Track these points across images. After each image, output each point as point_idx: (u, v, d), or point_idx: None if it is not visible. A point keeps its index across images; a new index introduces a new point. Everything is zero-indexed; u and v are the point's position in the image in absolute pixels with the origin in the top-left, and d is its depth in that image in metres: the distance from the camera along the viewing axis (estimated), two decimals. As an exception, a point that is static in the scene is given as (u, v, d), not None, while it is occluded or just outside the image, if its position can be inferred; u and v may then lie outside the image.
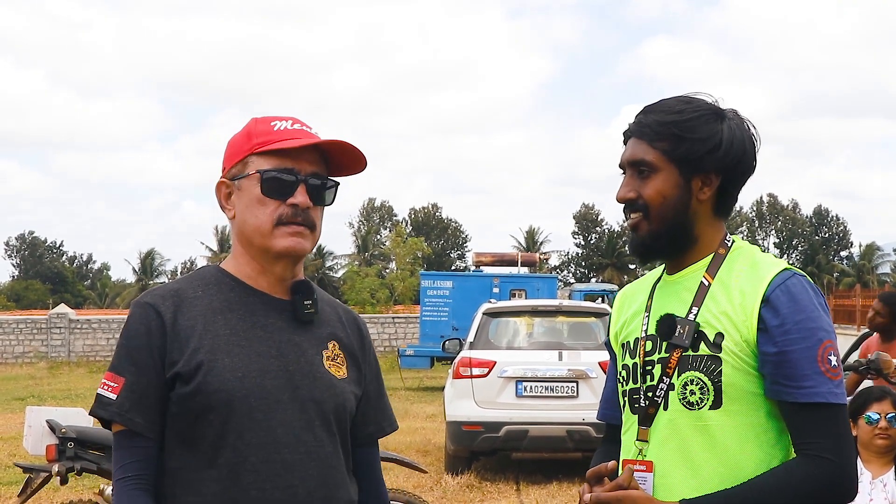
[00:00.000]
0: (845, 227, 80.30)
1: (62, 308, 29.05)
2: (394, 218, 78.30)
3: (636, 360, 2.05)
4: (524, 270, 23.25)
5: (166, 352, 1.91)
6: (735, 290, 1.97)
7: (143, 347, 1.91)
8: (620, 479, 1.92)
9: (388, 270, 47.46)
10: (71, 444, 4.88)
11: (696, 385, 1.94)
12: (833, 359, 1.91)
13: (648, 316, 2.06)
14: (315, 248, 2.37)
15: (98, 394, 1.92)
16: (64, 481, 4.91)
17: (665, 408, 1.98)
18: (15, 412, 14.84)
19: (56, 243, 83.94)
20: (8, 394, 18.50)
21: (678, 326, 1.97)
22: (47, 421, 4.94)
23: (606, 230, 76.44)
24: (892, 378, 5.17)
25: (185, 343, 1.91)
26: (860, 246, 75.96)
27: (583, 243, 78.55)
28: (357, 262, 58.08)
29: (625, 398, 2.09)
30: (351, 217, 76.64)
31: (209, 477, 1.89)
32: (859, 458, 4.00)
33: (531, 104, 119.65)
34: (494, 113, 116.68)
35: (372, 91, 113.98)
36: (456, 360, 9.54)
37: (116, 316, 29.42)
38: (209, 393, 1.88)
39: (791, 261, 71.94)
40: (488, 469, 9.88)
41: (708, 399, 1.94)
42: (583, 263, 77.24)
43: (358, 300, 33.04)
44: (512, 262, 23.69)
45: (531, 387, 9.05)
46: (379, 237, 71.76)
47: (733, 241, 2.07)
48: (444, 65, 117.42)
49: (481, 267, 23.39)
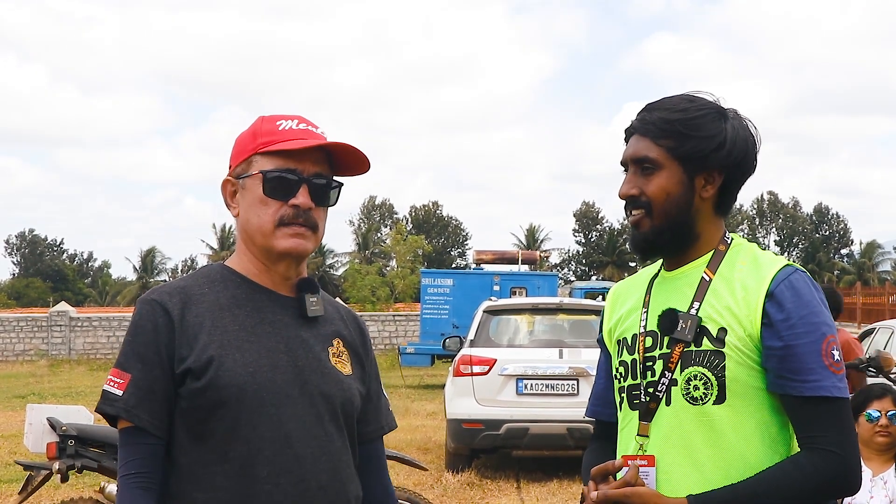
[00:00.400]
0: (846, 225, 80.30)
1: (63, 306, 29.03)
2: (394, 216, 78.30)
3: (635, 357, 2.05)
4: (525, 268, 23.25)
5: (175, 348, 1.91)
6: (738, 286, 1.97)
7: (150, 344, 1.91)
8: (627, 476, 1.92)
9: (389, 268, 47.43)
10: (71, 442, 4.88)
11: (700, 380, 1.95)
12: (836, 353, 1.93)
13: (647, 312, 2.07)
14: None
15: (104, 390, 1.92)
16: (64, 479, 4.91)
17: (668, 403, 1.98)
18: (15, 410, 14.84)
19: (56, 241, 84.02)
20: (9, 391, 18.49)
21: (680, 321, 1.97)
22: (48, 419, 4.94)
23: (607, 228, 76.44)
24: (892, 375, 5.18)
25: (194, 339, 1.91)
26: (861, 244, 75.94)
27: (583, 241, 78.55)
28: (358, 260, 58.05)
29: (622, 395, 2.09)
30: (351, 215, 76.72)
31: (221, 471, 1.89)
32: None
33: (533, 100, 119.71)
34: (496, 109, 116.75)
35: (374, 87, 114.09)
36: (456, 358, 9.53)
37: (117, 314, 29.42)
38: (220, 388, 1.88)
39: (792, 259, 71.62)
40: (489, 467, 9.88)
41: (711, 394, 1.94)
42: (583, 261, 77.25)
43: (359, 298, 33.05)
44: (512, 260, 23.69)
45: (532, 384, 9.05)
46: (379, 235, 71.75)
47: (732, 239, 2.08)
48: (447, 61, 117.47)
49: (482, 265, 23.39)
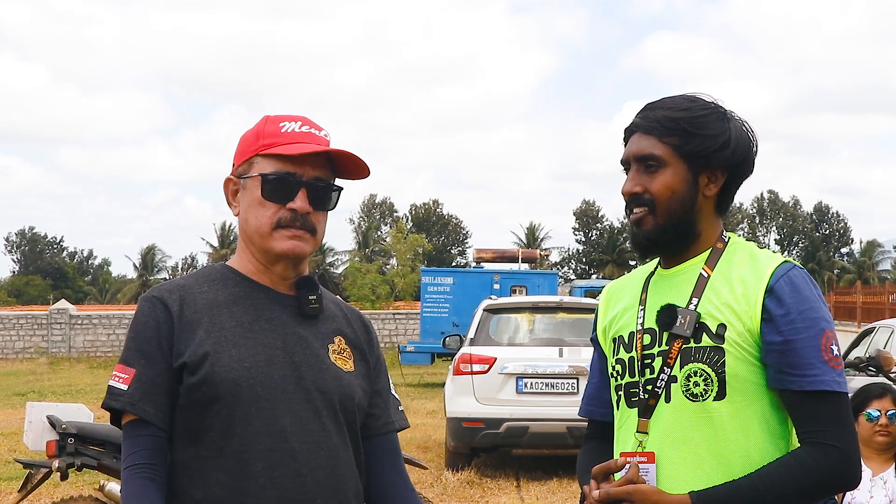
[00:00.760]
0: (846, 224, 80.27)
1: (63, 304, 29.05)
2: (394, 214, 78.28)
3: (632, 354, 2.05)
4: (525, 267, 23.24)
5: (175, 343, 1.93)
6: (737, 282, 1.98)
7: (153, 339, 1.94)
8: (629, 475, 1.92)
9: (389, 267, 47.43)
10: (71, 440, 4.88)
11: (700, 376, 1.95)
12: (835, 348, 1.94)
13: (644, 309, 2.07)
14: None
15: (109, 385, 1.95)
16: (64, 477, 4.91)
17: (667, 400, 1.98)
18: (15, 408, 14.85)
19: (56, 239, 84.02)
20: (8, 389, 18.50)
21: (679, 316, 1.98)
22: (48, 417, 4.94)
23: (607, 227, 76.43)
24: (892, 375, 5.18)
25: (192, 335, 1.93)
26: (861, 242, 75.96)
27: (583, 240, 78.56)
28: (358, 259, 58.05)
29: (619, 392, 2.08)
30: (352, 213, 76.68)
31: (217, 466, 1.90)
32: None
33: (533, 100, 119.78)
34: (496, 108, 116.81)
35: (374, 87, 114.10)
36: (456, 357, 9.53)
37: (117, 312, 29.43)
38: (216, 383, 1.90)
39: (792, 258, 71.65)
40: (489, 465, 9.89)
41: (712, 390, 1.94)
42: (583, 260, 77.25)
43: (359, 296, 33.06)
44: (513, 259, 23.69)
45: (532, 383, 9.05)
46: (380, 233, 71.74)
47: (729, 237, 2.09)
48: (447, 60, 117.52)
49: (482, 263, 23.39)
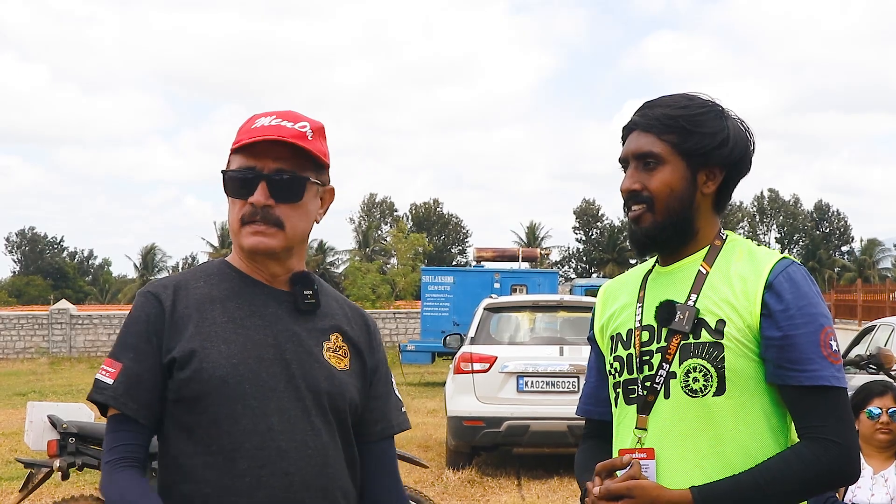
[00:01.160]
0: (846, 222, 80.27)
1: (63, 304, 29.07)
2: (395, 213, 78.25)
3: (631, 351, 2.05)
4: (525, 266, 23.23)
5: (165, 338, 1.92)
6: (735, 278, 1.98)
7: (142, 333, 1.93)
8: (631, 471, 1.92)
9: (390, 266, 47.43)
10: (72, 440, 4.88)
11: (700, 372, 1.95)
12: (833, 344, 1.94)
13: (642, 307, 2.07)
14: (316, 244, 2.36)
15: (95, 378, 1.95)
16: (65, 476, 4.91)
17: (666, 396, 1.98)
18: (16, 408, 14.85)
19: (57, 239, 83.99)
20: (9, 389, 18.51)
21: (678, 312, 1.98)
22: (48, 416, 4.94)
23: (607, 225, 76.42)
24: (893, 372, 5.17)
25: (182, 330, 1.92)
26: (861, 241, 75.94)
27: (583, 238, 78.55)
28: (358, 258, 58.04)
29: (617, 390, 2.08)
30: (352, 212, 76.65)
31: (205, 463, 1.89)
32: (860, 453, 3.99)
33: (533, 99, 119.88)
34: (496, 108, 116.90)
35: (374, 87, 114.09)
36: (457, 356, 9.53)
37: (118, 311, 29.43)
38: (204, 379, 1.89)
39: (792, 256, 71.58)
40: (489, 464, 9.89)
41: (711, 386, 1.94)
42: (584, 258, 77.24)
43: (359, 296, 33.05)
44: (513, 258, 23.67)
45: (532, 382, 9.05)
46: (380, 233, 71.72)
47: (727, 235, 2.09)
48: (447, 60, 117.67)
49: (482, 262, 23.38)
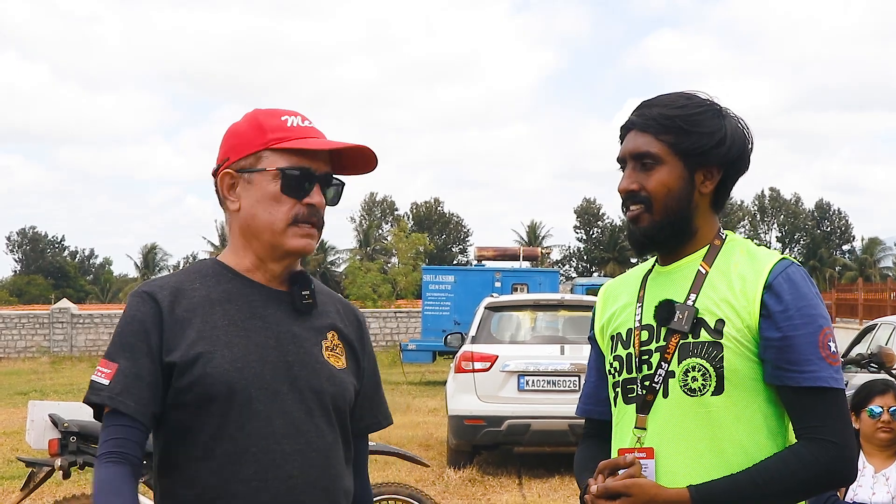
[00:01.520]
0: (847, 221, 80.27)
1: (64, 303, 29.09)
2: (395, 212, 78.23)
3: (630, 351, 2.05)
4: (526, 265, 23.23)
5: (163, 340, 1.89)
6: (735, 278, 1.99)
7: (139, 333, 1.89)
8: (632, 470, 1.93)
9: (391, 265, 47.42)
10: (73, 439, 4.87)
11: (699, 371, 1.95)
12: (832, 345, 1.94)
13: (642, 306, 2.07)
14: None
15: (91, 380, 1.91)
16: (66, 475, 4.90)
17: (665, 395, 1.98)
18: (17, 407, 14.85)
19: (58, 238, 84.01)
20: (10, 388, 18.51)
21: (677, 312, 1.98)
22: (50, 415, 4.93)
23: (608, 224, 76.42)
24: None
25: (183, 333, 1.90)
26: (862, 240, 75.93)
27: (584, 237, 78.55)
28: (359, 257, 58.04)
29: (617, 389, 2.09)
30: (353, 211, 76.63)
31: (207, 469, 1.88)
32: (862, 452, 4.00)
33: (535, 98, 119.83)
34: (498, 107, 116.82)
35: (377, 84, 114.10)
36: (458, 355, 9.53)
37: (118, 311, 29.40)
38: (209, 384, 1.87)
39: (793, 255, 71.87)
40: (490, 463, 9.89)
41: (710, 385, 1.95)
42: (584, 257, 77.26)
43: (360, 295, 33.05)
44: (514, 257, 23.68)
45: (533, 381, 9.05)
46: (381, 232, 71.71)
47: (727, 235, 2.09)
48: (449, 58, 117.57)
49: (483, 261, 23.38)
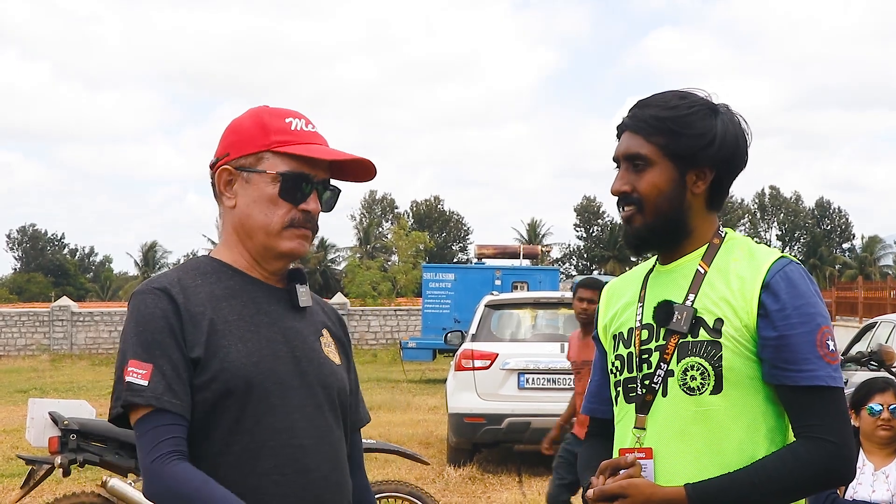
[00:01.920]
0: (847, 220, 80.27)
1: (64, 301, 29.07)
2: (395, 210, 78.22)
3: (631, 350, 2.06)
4: (526, 263, 23.24)
5: (185, 335, 1.88)
6: (733, 277, 1.99)
7: (164, 329, 1.86)
8: (631, 471, 1.93)
9: (391, 263, 47.42)
10: (73, 436, 4.88)
11: (697, 370, 1.96)
12: (831, 343, 1.94)
13: (643, 306, 2.08)
14: (317, 241, 2.41)
15: (128, 382, 1.84)
16: (66, 473, 4.91)
17: (664, 394, 1.99)
18: (17, 404, 14.87)
19: (58, 236, 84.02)
20: (10, 386, 18.52)
21: (675, 312, 1.99)
22: (50, 413, 4.94)
23: (608, 222, 76.41)
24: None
25: (199, 328, 1.89)
26: (862, 238, 75.90)
27: (584, 236, 78.55)
28: (359, 255, 58.04)
29: (618, 388, 2.09)
30: (353, 209, 76.62)
31: (225, 463, 1.87)
32: (862, 450, 4.00)
33: (535, 96, 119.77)
34: (498, 105, 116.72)
35: (377, 83, 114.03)
36: (458, 353, 9.54)
37: (119, 308, 29.44)
38: (226, 379, 1.87)
39: (793, 253, 71.86)
40: (490, 461, 9.89)
41: (709, 384, 1.95)
42: (584, 255, 77.25)
43: (359, 293, 33.04)
44: (514, 255, 23.68)
45: (533, 379, 9.05)
46: (381, 230, 71.70)
47: (726, 233, 2.09)
48: (450, 57, 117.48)
49: (483, 259, 23.39)
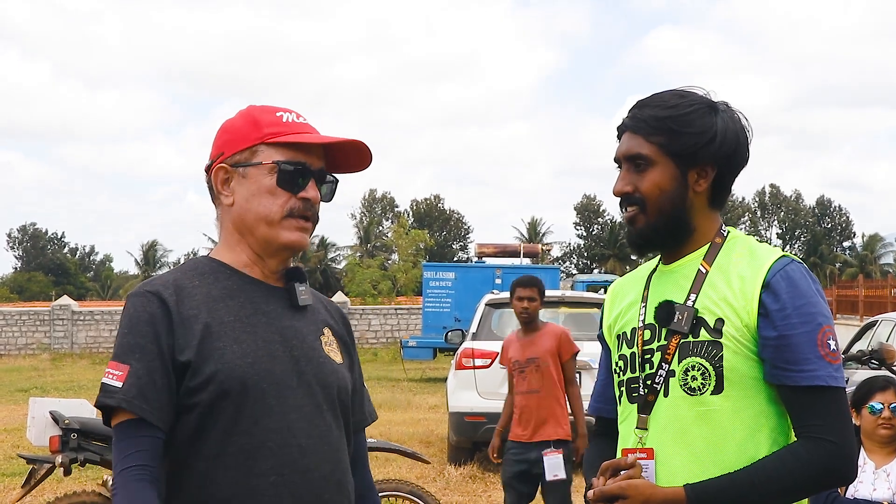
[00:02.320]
0: (848, 218, 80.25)
1: (65, 300, 29.06)
2: (395, 209, 78.19)
3: (634, 350, 2.06)
4: (526, 261, 23.22)
5: (174, 339, 1.87)
6: (734, 277, 1.99)
7: (148, 334, 1.86)
8: (631, 472, 1.93)
9: (391, 262, 47.40)
10: (74, 436, 4.88)
11: (698, 371, 1.96)
12: (832, 343, 1.93)
13: (645, 306, 2.08)
14: (318, 240, 2.39)
15: (103, 383, 1.87)
16: (67, 472, 4.91)
17: (665, 394, 1.99)
18: (18, 404, 14.86)
19: (58, 235, 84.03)
20: (11, 385, 18.52)
21: (676, 313, 1.99)
22: (50, 412, 4.94)
23: (609, 221, 76.39)
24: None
25: (191, 331, 1.87)
26: (863, 236, 75.90)
27: (585, 234, 78.53)
28: (359, 254, 58.03)
29: (622, 388, 2.10)
30: (353, 208, 76.61)
31: (223, 465, 1.86)
32: (863, 448, 4.00)
33: (536, 95, 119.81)
34: (499, 104, 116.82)
35: (377, 83, 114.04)
36: (458, 351, 9.54)
37: (119, 307, 29.43)
38: (222, 381, 1.86)
39: (794, 251, 71.89)
40: (491, 460, 9.87)
41: (710, 384, 1.95)
42: (585, 254, 77.25)
43: (360, 292, 33.02)
44: (514, 253, 23.66)
45: (534, 377, 9.02)
46: (381, 229, 71.69)
47: (729, 231, 2.09)
48: (450, 56, 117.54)
49: (483, 258, 23.38)
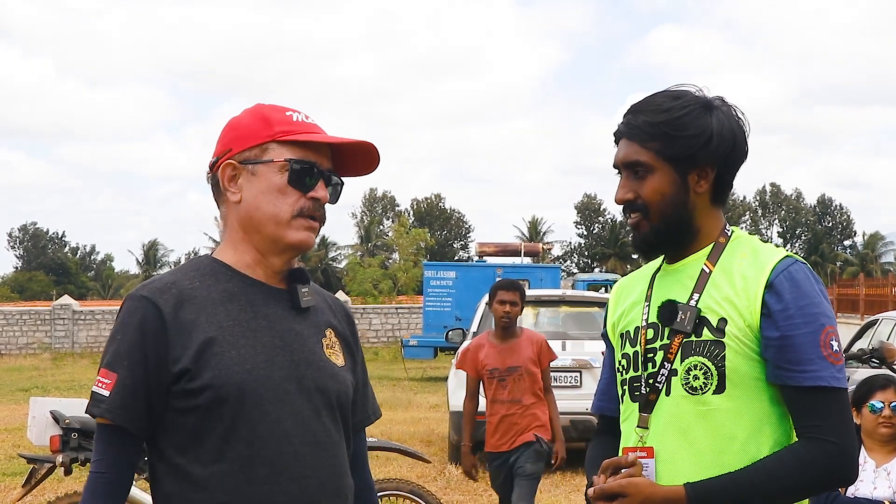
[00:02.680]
0: (849, 216, 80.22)
1: (66, 299, 29.07)
2: (396, 208, 78.19)
3: (637, 349, 2.07)
4: (527, 260, 23.22)
5: (168, 347, 1.85)
6: (737, 277, 1.99)
7: (136, 343, 1.85)
8: (631, 470, 1.93)
9: (392, 261, 47.41)
10: (75, 435, 4.88)
11: (700, 370, 1.96)
12: (834, 344, 1.94)
13: (649, 305, 2.08)
14: (319, 239, 2.39)
15: (92, 391, 1.88)
16: (68, 472, 4.91)
17: (667, 393, 1.99)
18: (19, 403, 14.87)
19: (59, 234, 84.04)
20: (12, 385, 18.53)
21: (679, 312, 1.99)
22: (51, 412, 4.94)
23: (609, 220, 76.37)
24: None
25: (189, 337, 1.86)
26: (864, 235, 75.86)
27: (585, 233, 78.53)
28: (360, 253, 58.04)
29: (624, 387, 2.10)
30: (354, 207, 76.60)
31: (219, 471, 1.85)
32: (863, 447, 4.00)
33: (538, 93, 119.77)
34: (500, 102, 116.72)
35: (379, 79, 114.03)
36: (459, 351, 9.53)
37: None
38: (219, 386, 1.84)
39: (794, 250, 71.87)
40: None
41: (711, 384, 1.95)
42: (586, 253, 77.24)
43: (360, 291, 33.04)
44: (515, 252, 23.67)
45: (534, 377, 9.01)
46: (382, 228, 71.69)
47: (732, 231, 2.09)
48: (453, 53, 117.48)
49: (484, 257, 23.38)
